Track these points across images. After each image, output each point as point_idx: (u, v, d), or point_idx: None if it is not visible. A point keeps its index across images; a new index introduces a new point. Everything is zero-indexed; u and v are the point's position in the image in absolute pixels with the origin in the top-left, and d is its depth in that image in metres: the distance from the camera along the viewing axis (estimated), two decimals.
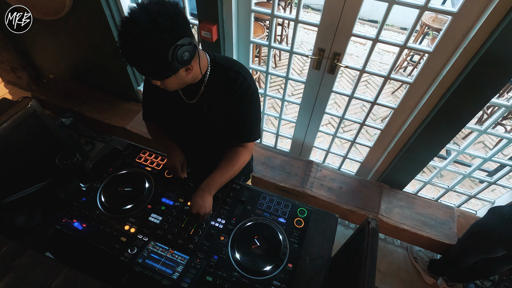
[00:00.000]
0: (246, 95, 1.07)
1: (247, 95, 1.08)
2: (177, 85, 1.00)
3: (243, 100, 1.08)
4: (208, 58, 1.06)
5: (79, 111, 2.55)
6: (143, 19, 0.80)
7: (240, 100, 1.07)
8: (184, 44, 0.86)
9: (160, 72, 0.89)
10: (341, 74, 3.88)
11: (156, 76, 0.91)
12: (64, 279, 0.86)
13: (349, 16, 1.48)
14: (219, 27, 1.76)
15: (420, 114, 1.68)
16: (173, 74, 0.91)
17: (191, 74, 0.98)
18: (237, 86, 1.06)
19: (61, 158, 1.24)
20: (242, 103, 1.08)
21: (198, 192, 1.11)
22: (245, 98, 1.08)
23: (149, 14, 0.80)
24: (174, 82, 0.97)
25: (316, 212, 1.21)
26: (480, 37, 1.29)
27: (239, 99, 1.07)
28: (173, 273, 0.97)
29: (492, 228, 1.58)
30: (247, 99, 1.08)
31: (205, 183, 1.13)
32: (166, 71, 0.89)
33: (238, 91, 1.06)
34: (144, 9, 0.81)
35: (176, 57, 0.86)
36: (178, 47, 0.85)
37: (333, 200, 2.09)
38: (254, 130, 1.16)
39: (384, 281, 2.06)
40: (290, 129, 3.05)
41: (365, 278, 0.90)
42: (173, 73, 0.91)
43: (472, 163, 2.85)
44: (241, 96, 1.07)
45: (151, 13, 0.80)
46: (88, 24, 2.11)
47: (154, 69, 0.88)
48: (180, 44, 0.85)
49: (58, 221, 1.10)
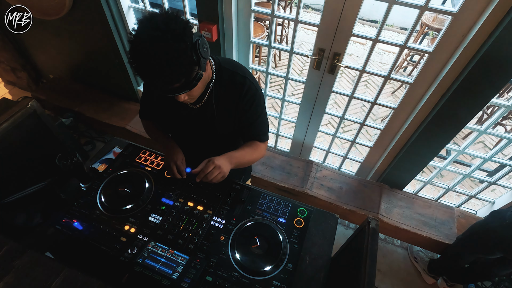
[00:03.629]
0: (254, 99, 1.10)
1: (255, 99, 1.10)
2: (200, 89, 0.98)
3: (252, 105, 1.10)
4: (212, 61, 1.07)
5: (79, 111, 2.55)
6: (155, 34, 0.78)
7: (249, 106, 1.10)
8: (198, 37, 0.85)
9: (190, 77, 0.86)
10: (341, 74, 3.88)
11: (187, 86, 0.87)
12: (64, 279, 0.86)
13: (349, 16, 1.48)
14: (219, 27, 1.76)
15: (420, 114, 1.68)
16: (203, 72, 0.89)
17: (207, 73, 0.97)
18: (245, 91, 1.07)
19: (61, 158, 1.24)
20: (251, 108, 1.11)
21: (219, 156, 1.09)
22: (254, 102, 1.10)
23: (157, 27, 0.78)
24: (200, 86, 0.95)
25: (316, 212, 1.21)
26: (480, 37, 1.29)
27: (248, 104, 1.09)
28: (173, 273, 0.97)
29: (493, 231, 1.59)
30: (255, 102, 1.11)
31: (226, 154, 1.11)
32: (196, 74, 0.86)
33: (246, 97, 1.07)
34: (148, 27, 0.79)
35: (201, 53, 0.84)
36: (199, 40, 0.84)
37: (333, 200, 2.09)
38: (265, 130, 1.22)
39: (384, 281, 2.06)
40: (290, 129, 3.05)
41: (365, 278, 0.90)
42: (203, 70, 0.89)
43: (472, 163, 2.85)
44: (250, 101, 1.09)
45: (158, 26, 0.78)
46: (88, 24, 2.11)
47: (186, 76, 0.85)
48: (197, 39, 0.84)
49: (58, 221, 1.10)
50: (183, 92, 0.89)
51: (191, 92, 0.94)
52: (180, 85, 0.86)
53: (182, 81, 0.86)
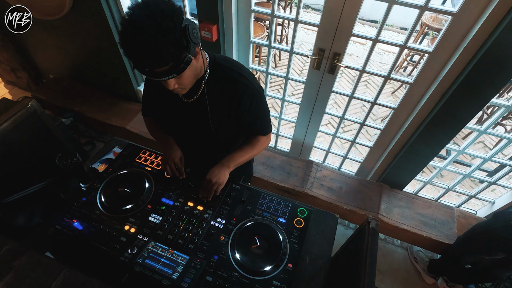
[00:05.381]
0: (252, 99, 1.09)
1: (253, 98, 1.10)
2: (192, 78, 0.98)
3: (250, 106, 1.10)
4: (207, 56, 1.06)
5: (79, 111, 2.55)
6: (145, 13, 0.79)
7: (248, 107, 1.10)
8: (188, 21, 0.85)
9: (178, 60, 0.85)
10: (341, 74, 3.88)
11: (175, 69, 0.87)
12: (64, 279, 0.86)
13: (349, 16, 1.48)
14: (219, 27, 1.76)
15: (420, 114, 1.68)
16: (193, 57, 0.89)
17: (198, 63, 0.97)
18: (240, 93, 1.06)
19: (61, 158, 1.24)
20: (251, 109, 1.11)
21: (217, 165, 1.17)
22: (252, 102, 1.10)
23: (147, 7, 0.79)
24: (190, 74, 0.95)
25: (316, 212, 1.22)
26: (480, 37, 1.29)
27: (246, 106, 1.09)
28: (173, 273, 0.97)
29: (496, 232, 1.59)
30: (254, 102, 1.10)
31: (225, 158, 1.19)
32: (184, 57, 0.86)
33: (242, 98, 1.07)
34: (139, 7, 0.80)
35: (190, 36, 0.84)
36: (188, 25, 0.84)
37: (333, 200, 2.09)
38: (267, 124, 1.24)
39: (384, 281, 2.06)
40: (290, 129, 3.05)
41: (365, 278, 0.90)
42: (193, 55, 0.88)
43: (472, 163, 2.85)
44: (247, 102, 1.09)
45: (149, 5, 0.79)
46: (88, 24, 2.11)
47: (173, 59, 0.84)
48: (187, 23, 0.84)
49: (58, 221, 1.10)
50: (171, 76, 0.88)
51: (181, 79, 0.93)
52: (168, 68, 0.86)
53: (170, 64, 0.85)
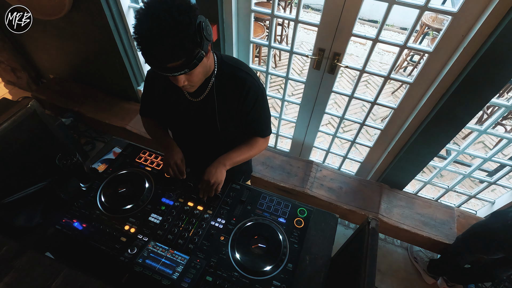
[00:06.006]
0: (256, 98, 1.10)
1: (258, 97, 1.11)
2: (202, 75, 0.98)
3: (254, 104, 1.11)
4: (214, 55, 1.07)
5: (79, 111, 2.55)
6: (162, 7, 0.79)
7: (252, 105, 1.11)
8: (203, 18, 0.85)
9: (191, 56, 0.85)
10: (341, 74, 3.88)
11: (187, 65, 0.86)
12: (64, 279, 0.86)
13: (349, 16, 1.48)
14: (219, 27, 1.76)
15: (420, 114, 1.68)
16: (206, 53, 0.89)
17: (209, 61, 0.98)
18: (246, 90, 1.07)
19: (61, 158, 1.24)
20: (254, 108, 1.12)
21: (213, 163, 1.17)
22: (256, 101, 1.11)
23: (164, 1, 0.80)
24: (201, 71, 0.95)
25: (316, 212, 1.22)
26: (480, 37, 1.29)
27: (250, 104, 1.10)
28: (173, 273, 0.97)
29: (494, 231, 1.59)
30: (258, 99, 1.11)
31: (221, 157, 1.19)
32: (198, 53, 0.86)
33: (248, 96, 1.08)
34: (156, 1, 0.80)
35: (204, 33, 0.84)
36: (203, 22, 0.84)
37: (333, 200, 2.09)
38: (267, 126, 1.24)
39: (384, 281, 2.06)
40: (290, 129, 3.05)
41: (365, 278, 0.90)
42: (206, 52, 0.89)
43: (472, 163, 2.85)
44: (252, 100, 1.10)
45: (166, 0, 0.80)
46: (88, 24, 2.11)
47: (187, 54, 0.84)
48: (203, 19, 0.84)
49: (58, 221, 1.10)
50: (183, 71, 0.87)
51: (191, 76, 0.92)
52: (181, 63, 0.85)
53: (183, 59, 0.85)
